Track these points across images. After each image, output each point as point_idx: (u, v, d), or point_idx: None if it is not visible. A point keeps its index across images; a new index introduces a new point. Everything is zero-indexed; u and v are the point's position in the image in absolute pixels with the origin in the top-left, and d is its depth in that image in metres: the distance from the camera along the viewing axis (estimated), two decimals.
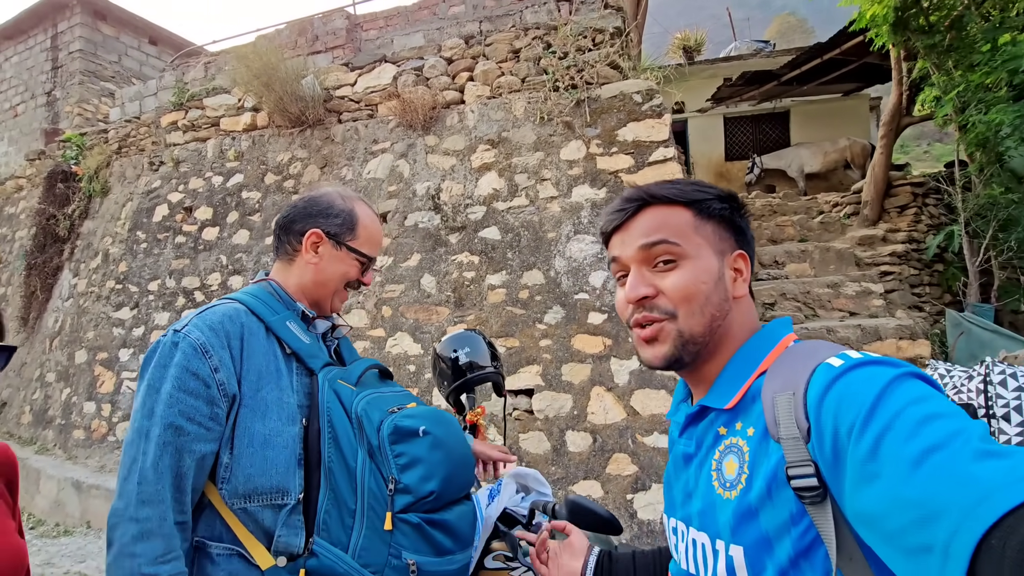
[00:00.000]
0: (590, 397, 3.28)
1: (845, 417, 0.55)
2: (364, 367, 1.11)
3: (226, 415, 0.94)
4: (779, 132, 10.85)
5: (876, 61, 8.22)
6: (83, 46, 9.45)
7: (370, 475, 0.95)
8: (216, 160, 5.49)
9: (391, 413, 1.00)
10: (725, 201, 0.77)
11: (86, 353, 5.46)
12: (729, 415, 0.71)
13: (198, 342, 0.93)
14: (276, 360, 1.00)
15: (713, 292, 0.73)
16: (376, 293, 4.19)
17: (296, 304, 1.10)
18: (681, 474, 0.78)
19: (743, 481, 0.65)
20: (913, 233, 6.34)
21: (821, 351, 0.65)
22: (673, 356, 0.73)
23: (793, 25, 39.64)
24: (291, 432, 0.96)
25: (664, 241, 0.73)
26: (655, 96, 3.85)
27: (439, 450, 1.00)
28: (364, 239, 1.15)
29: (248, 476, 0.93)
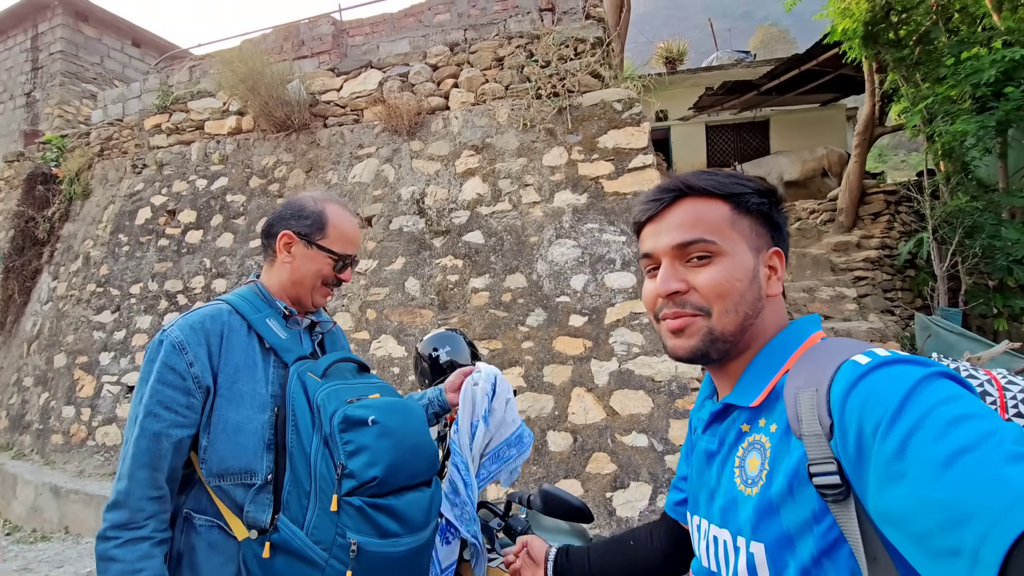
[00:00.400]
0: (571, 398, 3.35)
1: (871, 415, 0.54)
2: (332, 360, 1.17)
3: (202, 404, 1.06)
4: (759, 140, 11.09)
5: (851, 73, 8.48)
6: (64, 47, 9.36)
7: (322, 460, 1.02)
8: (200, 163, 5.49)
9: (348, 403, 1.06)
10: (764, 196, 0.74)
11: (65, 357, 5.40)
12: (752, 413, 0.70)
13: (176, 340, 1.06)
14: (254, 354, 1.12)
15: (748, 290, 0.71)
16: (361, 296, 4.23)
17: (277, 302, 1.20)
18: (704, 472, 0.77)
19: (763, 477, 0.64)
20: (886, 239, 6.54)
21: (847, 348, 0.63)
22: (700, 351, 0.72)
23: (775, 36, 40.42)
24: (261, 419, 1.07)
25: (701, 240, 0.71)
26: (635, 105, 3.96)
27: (386, 439, 1.05)
28: (334, 238, 1.22)
29: (221, 458, 1.05)
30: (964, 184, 5.54)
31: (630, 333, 3.40)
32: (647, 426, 3.14)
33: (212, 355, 1.08)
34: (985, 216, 5.30)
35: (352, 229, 1.27)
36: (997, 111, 4.83)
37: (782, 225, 0.76)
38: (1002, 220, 5.38)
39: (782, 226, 0.76)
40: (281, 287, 1.23)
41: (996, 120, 4.83)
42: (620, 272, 3.59)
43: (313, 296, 1.23)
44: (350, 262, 1.26)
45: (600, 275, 3.61)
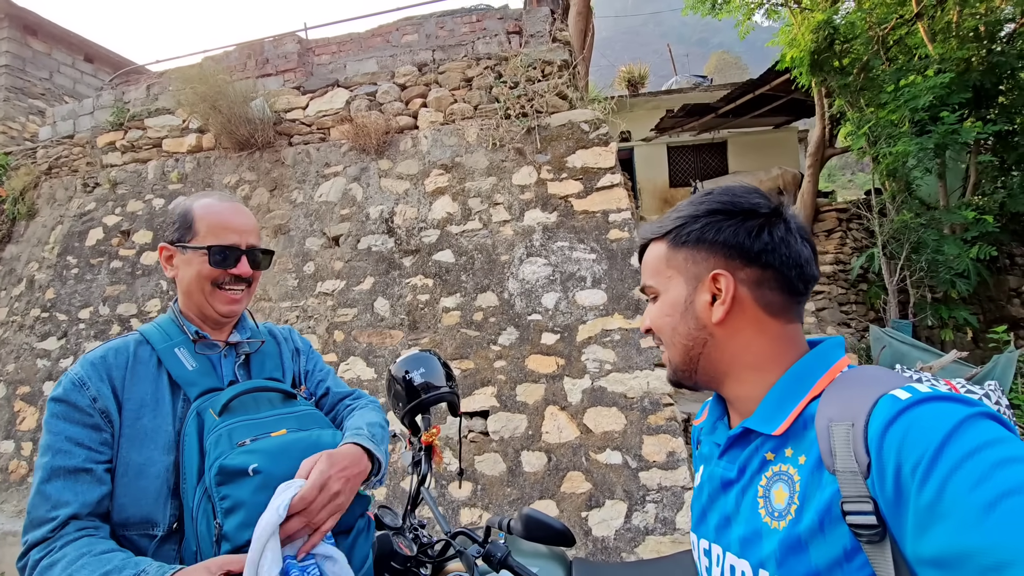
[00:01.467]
0: (544, 416, 3.34)
1: (910, 454, 0.52)
2: (237, 391, 1.01)
3: (114, 442, 0.95)
4: (718, 161, 11.52)
5: (802, 97, 8.94)
6: (10, 61, 8.95)
7: (202, 516, 0.89)
8: (157, 182, 5.30)
9: (239, 447, 0.91)
10: (704, 219, 0.71)
11: (5, 387, 5.05)
12: (777, 441, 0.67)
13: (76, 377, 0.97)
14: (162, 388, 1.00)
15: (679, 323, 0.73)
16: (328, 317, 4.13)
17: (188, 326, 1.09)
18: (719, 498, 0.74)
19: (792, 512, 0.62)
20: (839, 255, 6.85)
21: (884, 380, 0.61)
22: (671, 380, 0.78)
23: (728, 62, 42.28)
24: (165, 462, 0.95)
25: (645, 285, 0.79)
26: (602, 125, 4.05)
27: (268, 491, 0.87)
28: (204, 231, 1.09)
29: (121, 506, 0.94)
30: (908, 202, 5.87)
31: (602, 350, 3.42)
32: (621, 443, 3.15)
33: (116, 391, 0.97)
34: (928, 232, 5.62)
35: (227, 215, 1.11)
36: (934, 134, 5.16)
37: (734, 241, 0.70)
38: (944, 236, 5.72)
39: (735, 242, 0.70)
40: (186, 306, 1.12)
41: (934, 143, 5.16)
42: (591, 289, 3.62)
43: (213, 304, 1.09)
44: (235, 253, 1.10)
45: (571, 293, 3.64)
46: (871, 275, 6.54)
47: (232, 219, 1.12)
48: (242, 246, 1.10)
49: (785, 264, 0.69)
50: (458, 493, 3.29)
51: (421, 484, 1.64)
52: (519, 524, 1.45)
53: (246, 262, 1.11)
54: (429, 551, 1.55)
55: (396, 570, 1.40)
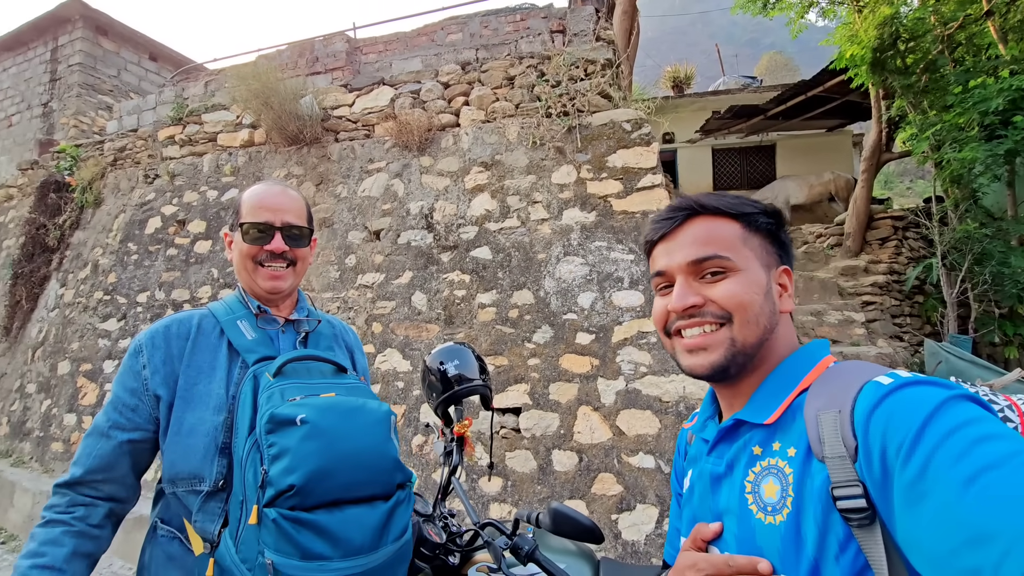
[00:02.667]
0: (576, 416, 3.31)
1: (894, 435, 0.53)
2: (290, 357, 1.07)
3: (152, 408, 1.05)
4: (765, 164, 11.16)
5: (858, 99, 8.56)
6: (83, 59, 9.55)
7: (250, 465, 0.93)
8: (212, 174, 5.54)
9: (289, 402, 0.96)
10: (771, 216, 0.77)
11: (69, 364, 5.39)
12: (766, 434, 0.68)
13: (138, 344, 1.08)
14: (220, 356, 1.09)
15: (764, 304, 0.72)
16: (367, 309, 4.22)
17: (252, 302, 1.18)
18: (708, 495, 0.74)
19: (789, 505, 0.62)
20: (894, 265, 6.52)
21: (868, 370, 0.63)
22: (722, 366, 0.71)
23: (780, 63, 40.94)
24: (215, 421, 1.02)
25: (716, 256, 0.72)
26: (644, 125, 3.99)
27: (313, 441, 0.91)
28: (245, 211, 1.16)
29: (172, 462, 1.02)
30: (972, 211, 5.53)
31: (638, 352, 3.37)
32: (654, 447, 3.09)
33: (174, 359, 1.06)
34: (994, 243, 5.28)
35: (264, 195, 1.18)
36: (1006, 140, 4.84)
37: (788, 245, 0.78)
38: (1011, 248, 5.36)
39: (788, 246, 0.78)
40: (244, 284, 1.20)
41: (1005, 149, 4.84)
42: (628, 291, 3.57)
43: (256, 280, 1.16)
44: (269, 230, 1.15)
45: (608, 293, 3.60)
46: (928, 287, 6.20)
47: (268, 199, 1.18)
48: (276, 223, 1.15)
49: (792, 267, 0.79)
50: (488, 488, 3.31)
51: (452, 474, 1.66)
52: (547, 518, 1.44)
53: (280, 239, 1.15)
54: (458, 540, 1.56)
55: (425, 556, 1.42)
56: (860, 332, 5.32)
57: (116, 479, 1.05)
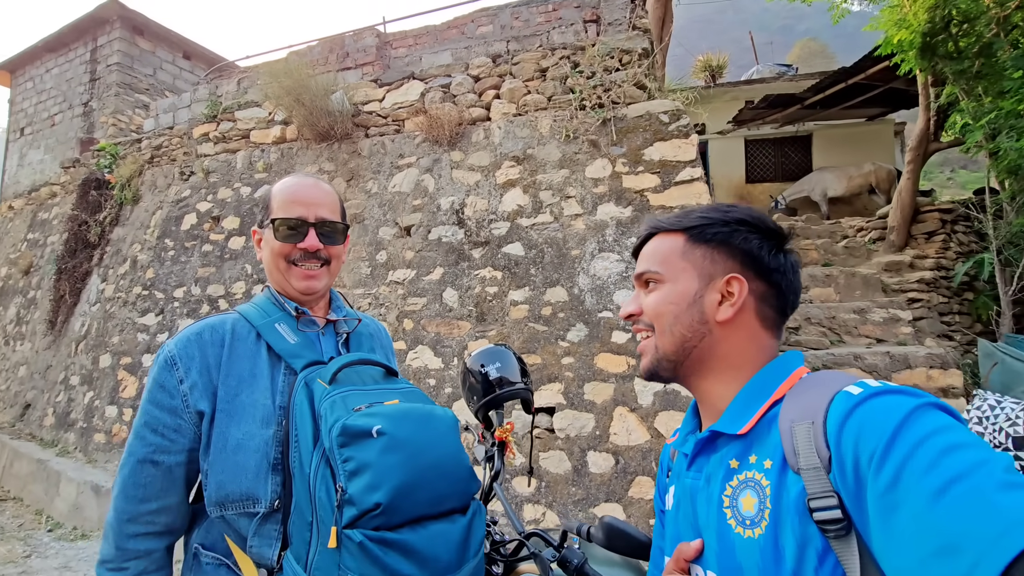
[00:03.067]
0: (613, 417, 3.24)
1: (866, 445, 0.54)
2: (344, 362, 0.99)
3: (195, 426, 0.95)
4: (801, 156, 10.79)
5: (902, 86, 8.18)
6: (121, 59, 9.79)
7: (321, 482, 0.84)
8: (245, 171, 5.61)
9: (354, 412, 0.88)
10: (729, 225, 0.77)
11: (110, 357, 5.55)
12: (742, 446, 0.69)
13: (169, 355, 0.97)
14: (261, 363, 0.99)
15: (684, 313, 0.75)
16: (398, 306, 4.21)
17: (288, 304, 1.08)
18: (689, 511, 0.75)
19: (767, 517, 0.62)
20: (942, 260, 6.22)
21: (838, 380, 0.64)
22: (650, 370, 0.79)
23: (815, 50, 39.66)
24: (264, 435, 0.93)
25: (647, 270, 0.79)
26: (682, 116, 3.86)
27: (394, 453, 0.84)
28: (276, 207, 1.08)
29: (219, 482, 0.92)
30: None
31: None
32: None
33: (210, 368, 0.96)
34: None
35: (296, 189, 1.09)
36: None
37: (758, 254, 0.76)
38: None
39: (758, 255, 0.76)
40: (275, 284, 1.11)
41: None
42: None
43: (290, 280, 1.07)
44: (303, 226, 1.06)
45: None
46: (979, 283, 5.89)
47: (300, 192, 1.09)
48: (309, 219, 1.07)
49: (788, 287, 0.77)
50: (522, 489, 3.26)
51: (494, 480, 1.61)
52: (600, 532, 1.38)
53: (314, 235, 1.07)
54: (501, 549, 1.51)
55: None
56: (907, 331, 5.09)
57: (172, 507, 0.97)
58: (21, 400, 6.59)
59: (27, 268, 7.77)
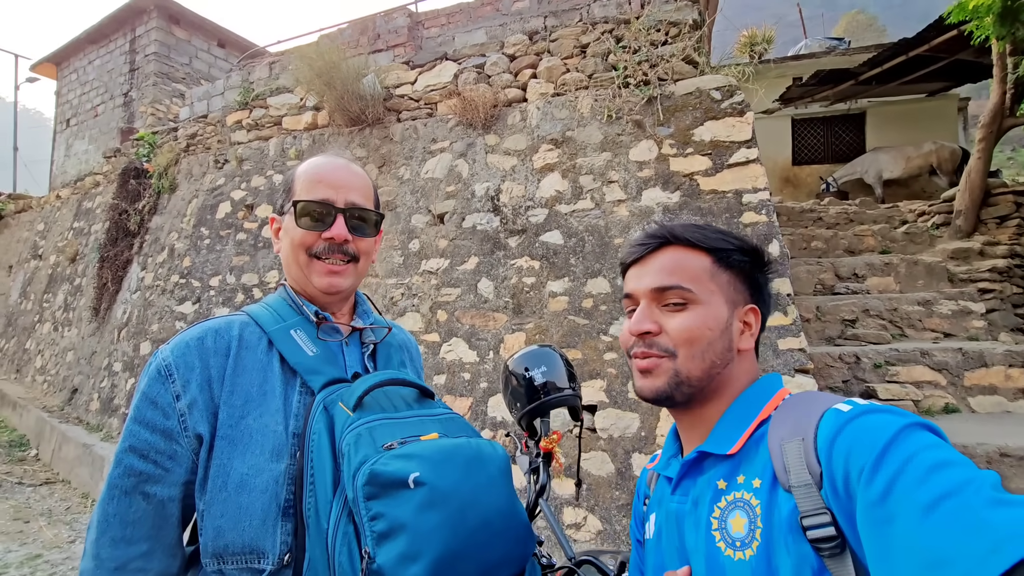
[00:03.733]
0: (660, 417, 3.03)
1: (857, 459, 0.54)
2: (373, 382, 0.80)
3: (193, 452, 0.78)
4: (853, 135, 10.16)
5: (970, 58, 7.54)
6: (158, 49, 9.91)
7: (343, 543, 0.68)
8: (277, 159, 5.55)
9: (384, 450, 0.70)
10: (747, 255, 0.77)
11: (150, 345, 5.63)
12: (729, 467, 0.68)
13: (164, 363, 0.79)
14: (273, 378, 0.82)
15: (717, 340, 0.72)
16: (432, 296, 4.08)
17: (307, 306, 0.90)
18: (674, 537, 0.73)
19: (758, 537, 0.61)
20: (1016, 247, 5.71)
21: (825, 399, 0.64)
22: (665, 392, 0.73)
23: (863, 23, 37.62)
24: (274, 471, 0.76)
25: (678, 287, 0.73)
26: (735, 93, 3.56)
27: (437, 510, 0.66)
28: (300, 187, 0.90)
29: (218, 529, 0.75)
30: None
31: None
32: None
33: (212, 382, 0.79)
34: None
35: (324, 168, 0.92)
36: None
37: (763, 285, 0.79)
38: None
39: (763, 286, 0.79)
40: (294, 282, 0.93)
41: None
42: None
43: (310, 277, 0.88)
44: (330, 212, 0.88)
45: None
46: None
47: (329, 172, 0.91)
48: (337, 203, 0.88)
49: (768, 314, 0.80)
50: (561, 491, 3.10)
51: (539, 496, 1.45)
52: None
53: (342, 223, 0.88)
54: (548, 574, 1.35)
55: None
56: (979, 325, 4.68)
57: (167, 549, 0.79)
58: (69, 385, 6.80)
59: (73, 256, 8.00)
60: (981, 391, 3.88)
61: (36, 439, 6.26)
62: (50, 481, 5.31)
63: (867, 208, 7.20)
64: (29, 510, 4.52)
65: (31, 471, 5.54)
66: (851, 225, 6.70)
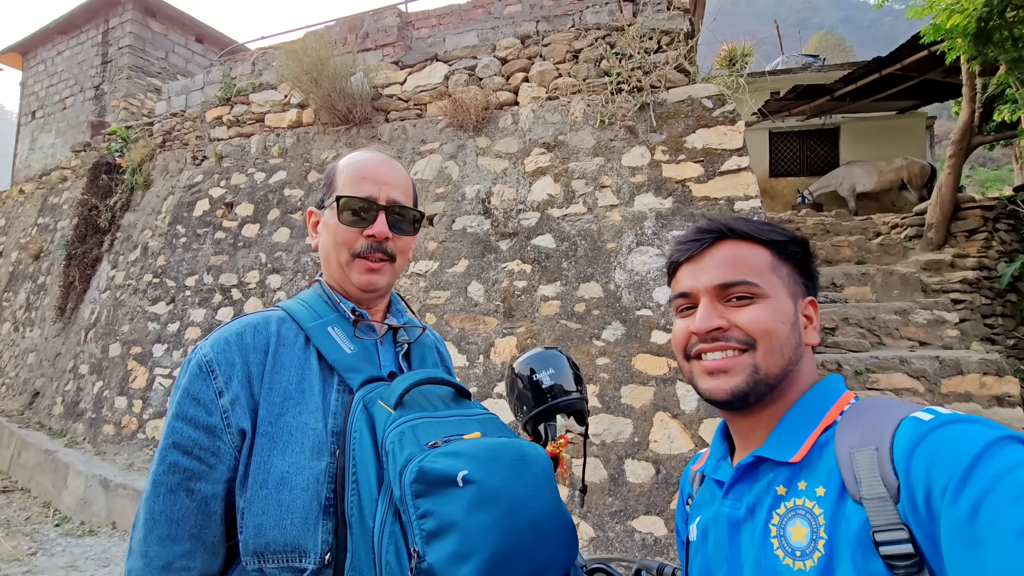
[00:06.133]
0: (653, 423, 3.02)
1: (940, 474, 0.51)
2: (413, 381, 0.79)
3: (236, 449, 0.77)
4: (827, 149, 10.46)
5: (938, 78, 7.86)
6: (132, 42, 9.61)
7: (389, 541, 0.67)
8: (259, 156, 5.41)
9: (428, 448, 0.69)
10: (800, 246, 0.75)
11: (120, 347, 5.39)
12: (790, 473, 0.65)
13: (205, 359, 0.79)
14: (311, 376, 0.81)
15: (790, 333, 0.70)
16: (420, 299, 4.01)
17: (343, 303, 0.90)
18: (724, 542, 0.70)
19: (821, 548, 0.58)
20: (983, 259, 5.94)
21: (902, 406, 0.61)
22: (742, 392, 0.68)
23: (832, 43, 38.98)
24: (315, 469, 0.75)
25: (744, 282, 0.70)
26: (727, 101, 3.61)
27: (488, 510, 0.65)
28: (342, 183, 0.90)
29: (259, 527, 0.74)
30: None
31: None
32: None
33: (252, 379, 0.79)
34: None
35: (368, 163, 0.92)
36: None
37: (816, 276, 0.77)
38: None
39: (816, 277, 0.77)
40: (329, 279, 0.93)
41: None
42: None
43: (350, 275, 0.89)
44: (372, 208, 0.88)
45: None
46: (1022, 284, 5.61)
47: (372, 168, 0.91)
48: (380, 200, 0.89)
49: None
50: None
51: None
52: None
53: (383, 221, 0.88)
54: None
55: None
56: (953, 334, 4.83)
57: (208, 546, 0.77)
58: (30, 388, 6.47)
59: (37, 253, 7.64)
60: (957, 398, 3.99)
61: None
62: (8, 490, 5.02)
63: (842, 220, 7.39)
64: None
65: None
66: (827, 236, 6.86)
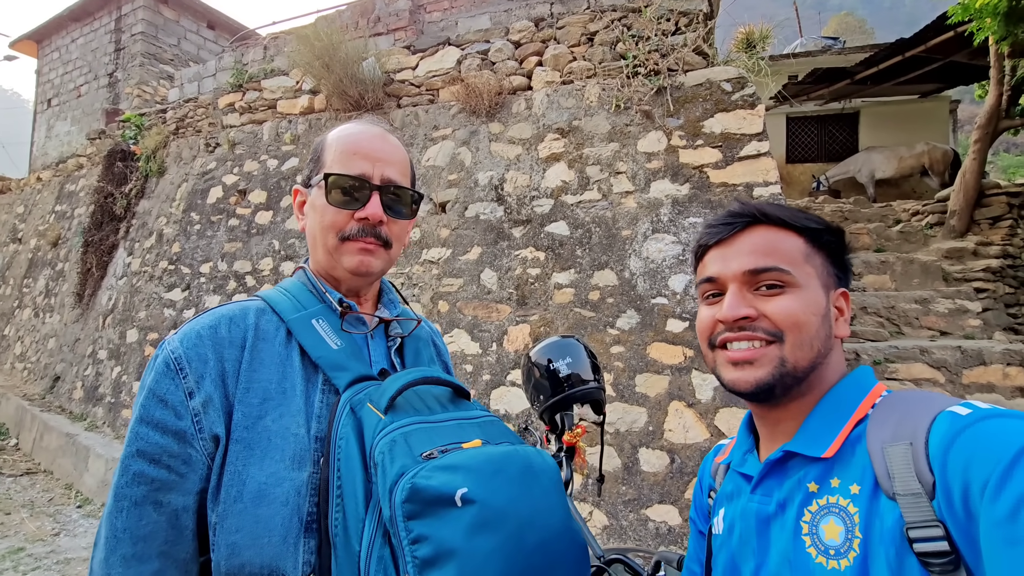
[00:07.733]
0: (668, 412, 3.00)
1: (979, 471, 0.49)
2: (406, 381, 0.70)
3: (209, 457, 0.69)
4: (846, 134, 10.23)
5: (964, 60, 7.61)
6: (145, 28, 9.61)
7: (378, 569, 0.59)
8: (272, 143, 5.40)
9: (423, 459, 0.61)
10: (834, 235, 0.72)
11: (137, 332, 5.47)
12: (821, 469, 0.64)
13: (173, 356, 0.69)
14: (293, 374, 0.73)
15: (820, 326, 0.67)
16: (432, 286, 3.99)
17: (329, 292, 0.80)
18: (751, 537, 0.68)
19: (856, 548, 0.57)
20: (1008, 247, 5.78)
21: (937, 399, 0.59)
22: (768, 384, 0.66)
23: (852, 25, 38.00)
24: (296, 480, 0.67)
25: (776, 268, 0.67)
26: (747, 85, 3.52)
27: (490, 533, 0.58)
28: (331, 159, 0.80)
29: (233, 546, 0.65)
30: None
31: None
32: None
33: (227, 377, 0.70)
34: None
35: (360, 137, 0.82)
36: None
37: (850, 267, 0.74)
38: None
39: (849, 268, 0.74)
40: (315, 265, 0.83)
41: None
42: None
43: (340, 259, 0.79)
44: (364, 188, 0.78)
45: None
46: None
47: (365, 143, 0.81)
48: (373, 179, 0.79)
49: None
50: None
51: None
52: None
53: (377, 202, 0.78)
54: None
55: None
56: (975, 323, 4.73)
57: (179, 564, 0.69)
58: (51, 372, 6.60)
59: (55, 240, 7.75)
60: (979, 389, 3.91)
61: (16, 428, 6.07)
62: (31, 471, 5.14)
63: (861, 207, 7.24)
64: (10, 501, 4.37)
65: (11, 461, 5.36)
66: (846, 223, 6.72)
